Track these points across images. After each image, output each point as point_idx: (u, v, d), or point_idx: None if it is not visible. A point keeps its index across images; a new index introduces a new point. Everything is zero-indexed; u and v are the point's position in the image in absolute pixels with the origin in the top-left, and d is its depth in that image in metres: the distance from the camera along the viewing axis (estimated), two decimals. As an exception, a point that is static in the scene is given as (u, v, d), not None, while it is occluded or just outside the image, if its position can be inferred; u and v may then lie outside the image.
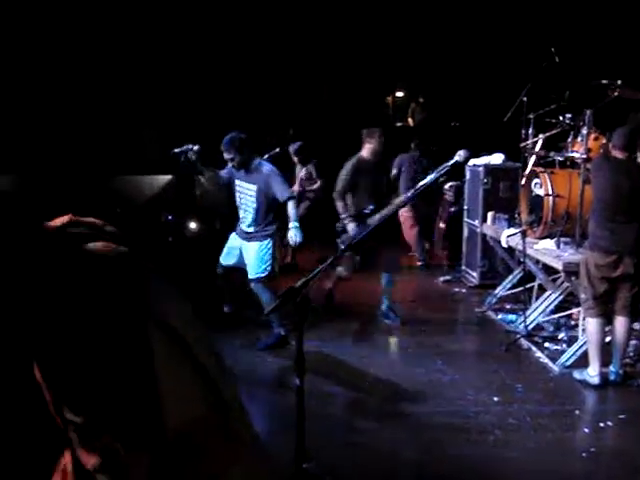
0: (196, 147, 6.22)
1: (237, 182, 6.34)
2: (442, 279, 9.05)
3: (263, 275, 6.31)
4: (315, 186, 9.50)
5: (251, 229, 6.34)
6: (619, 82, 7.98)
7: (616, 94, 7.92)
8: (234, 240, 6.53)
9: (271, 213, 6.27)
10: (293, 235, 6.26)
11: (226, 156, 6.22)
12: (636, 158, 5.55)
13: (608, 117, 6.97)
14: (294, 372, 2.88)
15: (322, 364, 5.91)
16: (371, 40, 12.61)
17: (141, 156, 11.35)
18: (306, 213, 9.37)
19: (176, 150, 6.33)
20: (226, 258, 6.56)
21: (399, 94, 15.31)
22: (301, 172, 9.52)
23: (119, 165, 11.06)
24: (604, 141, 6.64)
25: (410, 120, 14.90)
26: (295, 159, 9.59)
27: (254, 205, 6.26)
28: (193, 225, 7.07)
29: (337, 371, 5.90)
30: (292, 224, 6.24)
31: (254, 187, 6.22)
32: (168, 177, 10.31)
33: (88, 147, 11.40)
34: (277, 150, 9.20)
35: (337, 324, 7.15)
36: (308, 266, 9.21)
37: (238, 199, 6.39)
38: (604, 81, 8.06)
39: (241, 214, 6.41)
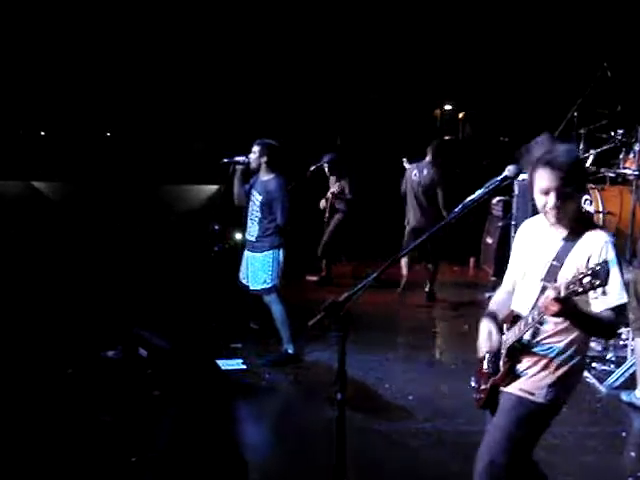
0: (244, 158, 6.25)
1: (252, 190, 6.30)
2: (488, 295, 8.92)
3: (265, 287, 6.21)
4: (342, 204, 9.25)
5: (253, 238, 6.28)
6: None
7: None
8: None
9: (273, 224, 6.15)
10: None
11: (253, 149, 6.20)
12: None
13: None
14: (335, 386, 2.85)
15: (361, 379, 5.89)
16: (420, 52, 12.59)
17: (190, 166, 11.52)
18: (337, 226, 9.31)
19: (225, 160, 6.37)
20: (241, 272, 6.48)
21: (447, 107, 15.24)
22: (334, 186, 9.28)
23: (167, 175, 11.25)
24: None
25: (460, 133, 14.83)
26: (327, 171, 9.27)
27: (258, 215, 6.20)
28: (239, 236, 7.11)
29: (378, 387, 5.87)
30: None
31: (260, 198, 6.19)
32: (215, 187, 10.42)
33: (138, 157, 11.63)
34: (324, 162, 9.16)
35: (377, 338, 7.11)
36: (342, 280, 9.20)
37: (249, 207, 6.32)
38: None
39: (248, 223, 6.35)
